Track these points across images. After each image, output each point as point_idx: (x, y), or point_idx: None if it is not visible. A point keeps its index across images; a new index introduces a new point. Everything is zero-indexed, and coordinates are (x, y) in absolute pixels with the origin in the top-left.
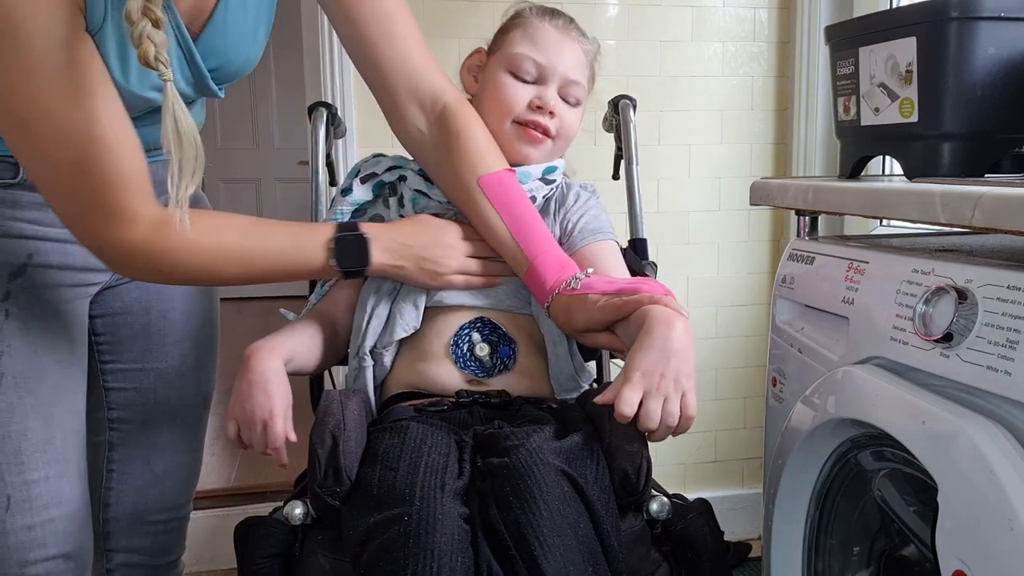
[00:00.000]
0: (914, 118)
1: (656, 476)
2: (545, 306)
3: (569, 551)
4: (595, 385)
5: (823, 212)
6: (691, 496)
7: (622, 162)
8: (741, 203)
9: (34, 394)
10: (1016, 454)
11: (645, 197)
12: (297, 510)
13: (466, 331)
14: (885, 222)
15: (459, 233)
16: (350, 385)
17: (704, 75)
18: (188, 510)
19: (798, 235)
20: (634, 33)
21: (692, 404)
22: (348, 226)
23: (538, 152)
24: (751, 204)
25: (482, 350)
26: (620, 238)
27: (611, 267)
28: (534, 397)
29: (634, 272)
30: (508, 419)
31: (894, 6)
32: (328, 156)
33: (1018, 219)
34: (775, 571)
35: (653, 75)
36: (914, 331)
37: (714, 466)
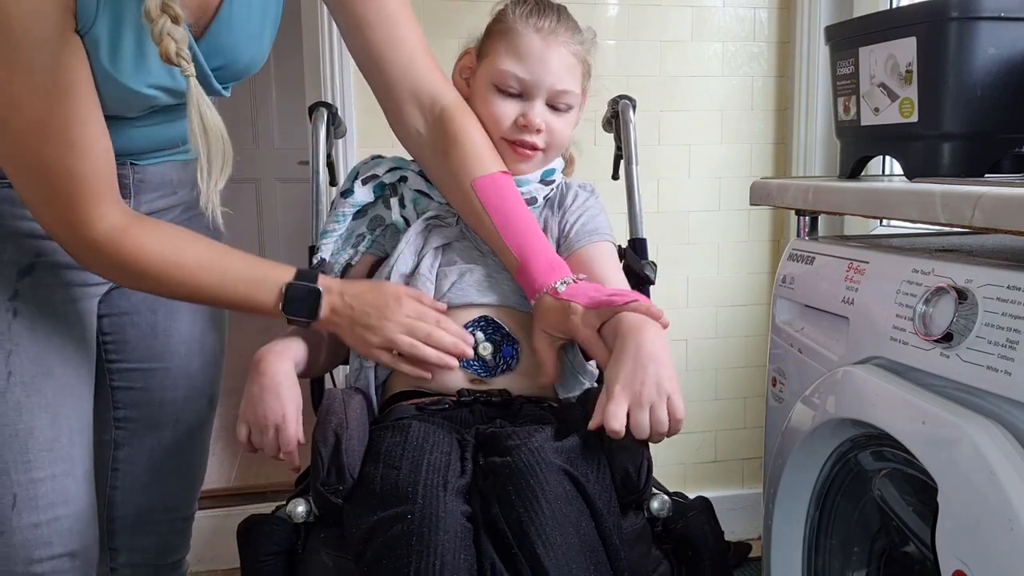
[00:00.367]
0: (914, 118)
1: (656, 476)
2: (532, 302)
3: (571, 549)
4: (596, 384)
5: (823, 212)
6: (691, 496)
7: (622, 162)
8: (741, 203)
9: (41, 393)
10: (1016, 454)
11: (645, 197)
12: (300, 508)
13: (469, 330)
14: (885, 222)
15: (412, 310)
16: (351, 384)
17: (704, 75)
18: (193, 510)
19: (798, 235)
20: (634, 33)
21: (678, 407)
22: (306, 276)
23: (529, 165)
24: (751, 204)
25: (485, 349)
26: (620, 238)
27: (606, 268)
28: (535, 396)
29: (634, 272)
30: (509, 418)
31: (894, 6)
32: (328, 156)
33: (1018, 219)
34: (775, 571)
35: (653, 75)
36: (914, 331)
37: (714, 466)
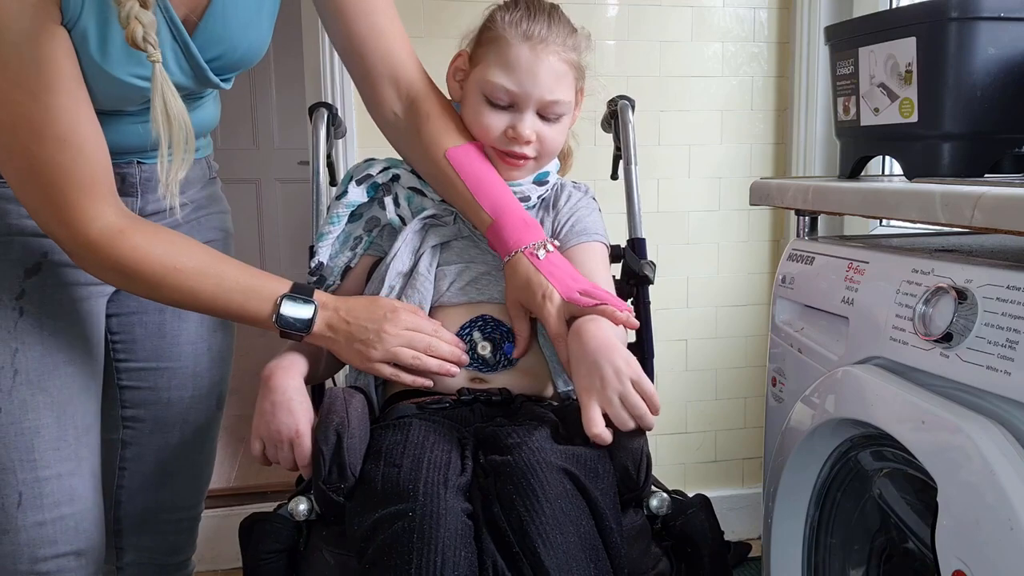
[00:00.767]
0: (914, 118)
1: (656, 475)
2: (505, 260)
3: (571, 548)
4: None
5: (823, 212)
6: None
7: (621, 162)
8: (741, 203)
9: (47, 391)
10: (1016, 454)
11: (645, 197)
12: (302, 506)
13: (467, 330)
14: (885, 222)
15: (408, 322)
16: (351, 383)
17: (704, 75)
18: (199, 510)
19: (798, 235)
20: (634, 33)
21: (645, 386)
22: (302, 290)
23: (521, 172)
24: (751, 204)
25: (484, 348)
26: (619, 238)
27: (593, 270)
28: (535, 395)
29: (633, 272)
30: (509, 416)
31: (894, 6)
32: (328, 156)
33: (1018, 219)
34: (775, 570)
35: (653, 75)
36: (914, 331)
37: (714, 466)
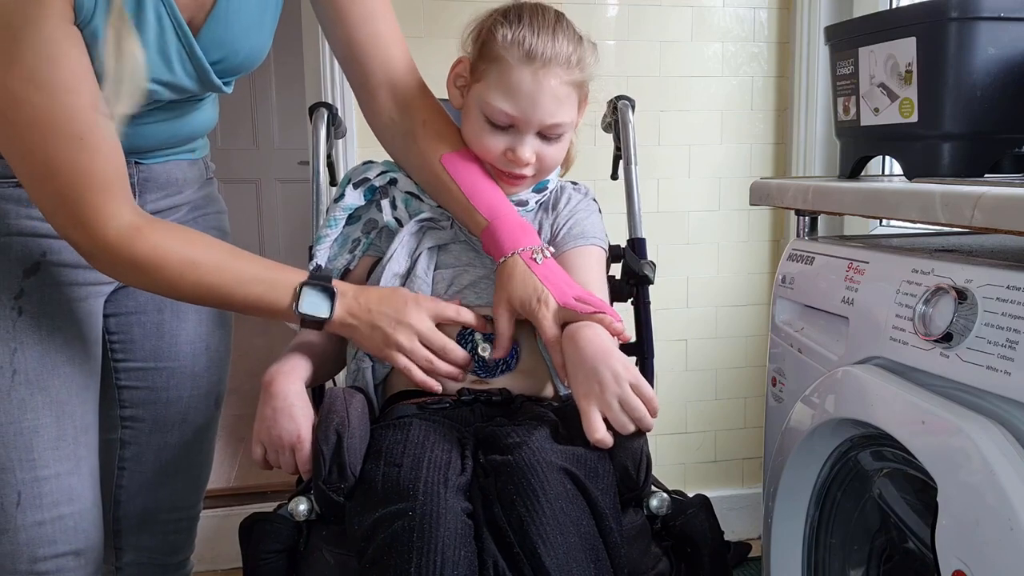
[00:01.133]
0: (914, 118)
1: (656, 475)
2: (500, 263)
3: (572, 548)
4: None
5: (823, 212)
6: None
7: (621, 162)
8: (741, 203)
9: (46, 391)
10: (1016, 454)
11: (645, 197)
12: (302, 506)
13: (469, 332)
14: (885, 222)
15: (427, 315)
16: (350, 383)
17: (704, 75)
18: (198, 510)
19: (798, 235)
20: (634, 33)
21: (644, 389)
22: (320, 278)
23: (520, 188)
24: (751, 204)
25: (485, 350)
26: (619, 238)
27: (587, 274)
28: (535, 395)
29: (633, 272)
30: (509, 416)
31: (894, 6)
32: (328, 156)
33: (1018, 219)
34: (775, 570)
35: (653, 75)
36: (914, 331)
37: (714, 466)
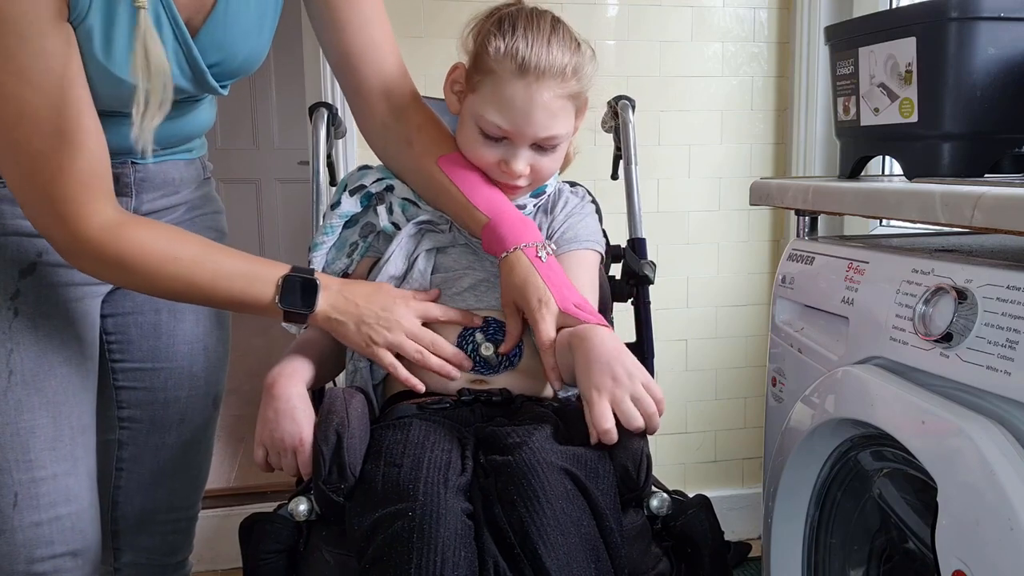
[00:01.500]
0: (914, 118)
1: (656, 475)
2: (502, 256)
3: (572, 549)
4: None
5: (823, 212)
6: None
7: (621, 162)
8: (741, 203)
9: (42, 392)
10: (1016, 454)
11: (645, 197)
12: (302, 506)
13: (470, 332)
14: (885, 222)
15: (414, 311)
16: (349, 383)
17: (704, 75)
18: (196, 510)
19: (798, 235)
20: (634, 33)
21: (655, 388)
22: (304, 270)
23: (517, 195)
24: (751, 204)
25: (487, 349)
26: (619, 238)
27: (578, 279)
28: (535, 396)
29: (633, 272)
30: (509, 416)
31: (894, 6)
32: (328, 156)
33: (1018, 219)
34: (775, 570)
35: (653, 75)
36: (914, 331)
37: (714, 466)
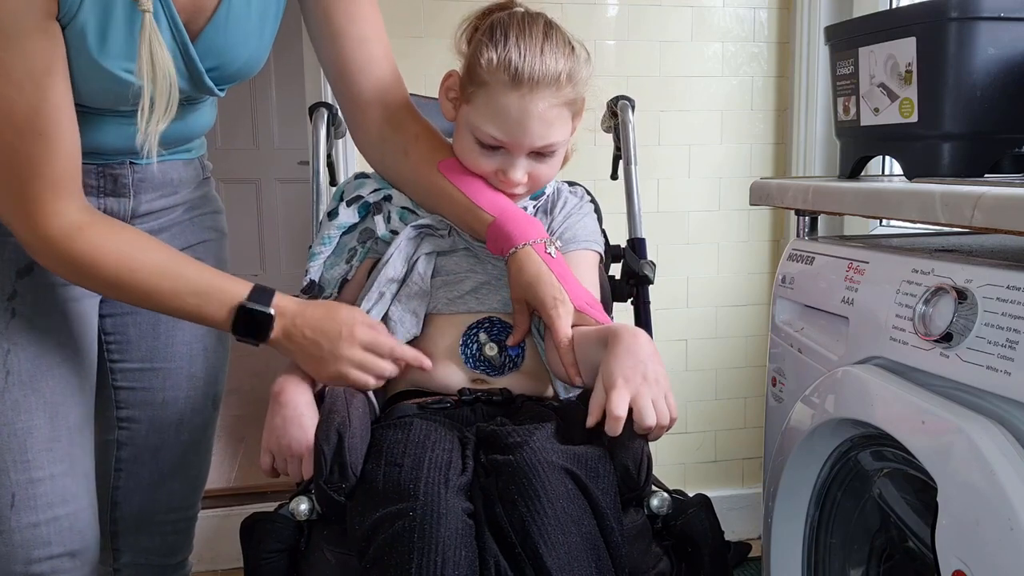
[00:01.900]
0: (914, 118)
1: (656, 475)
2: (510, 252)
3: (573, 548)
4: None
5: (823, 212)
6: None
7: (621, 162)
8: (741, 203)
9: (40, 392)
10: (1016, 454)
11: (645, 197)
12: (303, 506)
13: (474, 331)
14: (885, 222)
15: (365, 341)
16: None
17: (704, 75)
18: (196, 510)
19: (798, 235)
20: (634, 33)
21: (673, 405)
22: (261, 296)
23: (516, 200)
24: (751, 204)
25: (491, 349)
26: (619, 238)
27: (581, 278)
28: (536, 396)
29: (633, 272)
30: (510, 416)
31: (894, 6)
32: (328, 156)
33: (1018, 219)
34: (775, 570)
35: (653, 75)
36: (914, 331)
37: (714, 466)
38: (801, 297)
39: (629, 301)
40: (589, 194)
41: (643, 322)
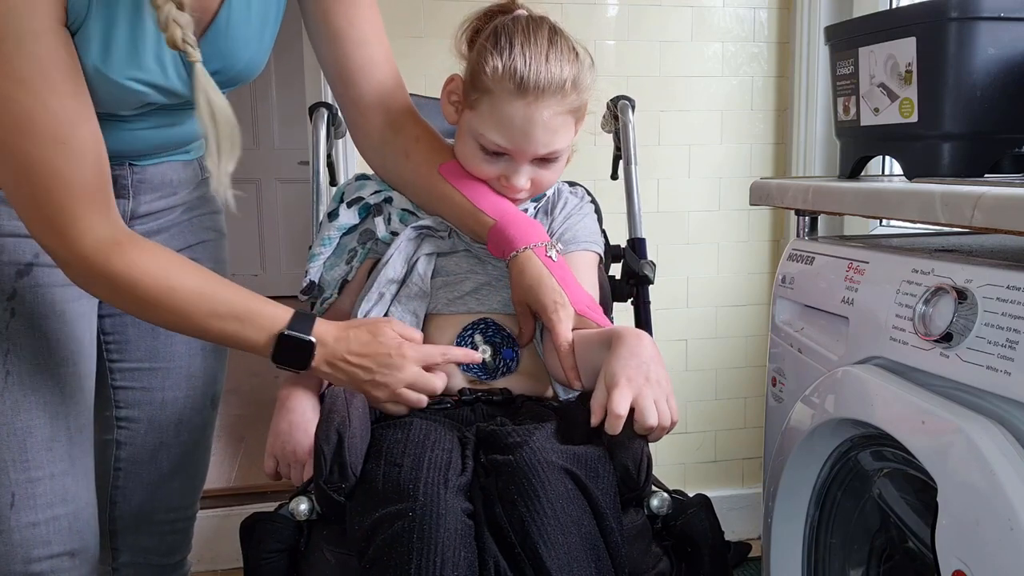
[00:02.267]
0: (914, 118)
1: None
2: (512, 256)
3: (573, 548)
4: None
5: (823, 212)
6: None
7: (621, 162)
8: (741, 203)
9: (39, 392)
10: (1016, 454)
11: (645, 197)
12: (303, 506)
13: (469, 333)
14: (885, 222)
15: (414, 360)
16: None
17: (704, 75)
18: (195, 510)
19: (798, 235)
20: (634, 33)
21: (675, 407)
22: (301, 323)
23: (517, 204)
24: (751, 204)
25: (485, 352)
26: (619, 238)
27: (581, 279)
28: (535, 396)
29: (633, 272)
30: (510, 416)
31: (894, 6)
32: (328, 156)
33: (1018, 219)
34: (775, 570)
35: (653, 75)
36: (914, 331)
37: (714, 466)
38: (801, 297)
39: (629, 301)
40: (589, 194)
41: (643, 322)
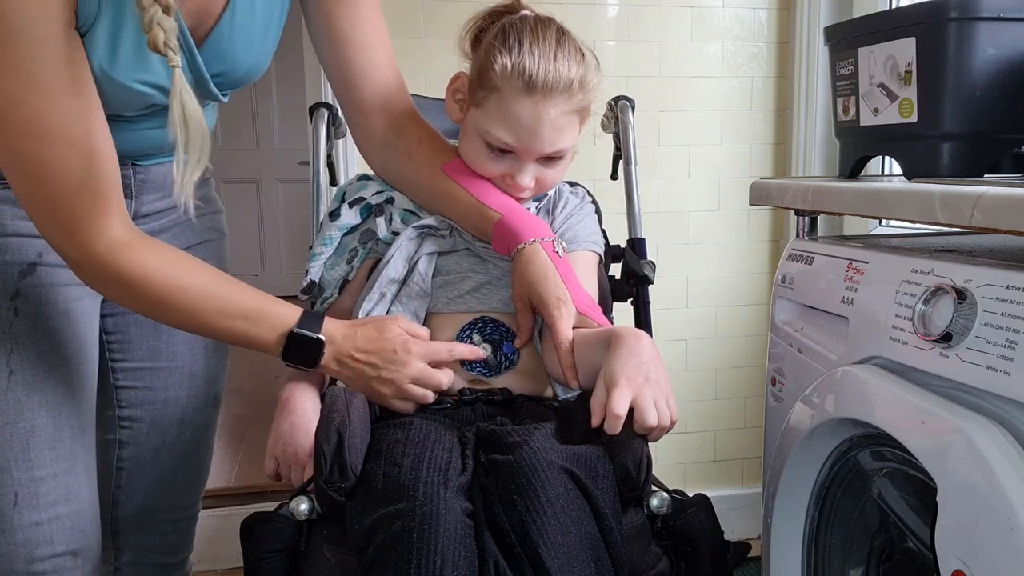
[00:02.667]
0: (913, 118)
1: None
2: (517, 248)
3: (573, 548)
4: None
5: (823, 212)
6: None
7: (621, 162)
8: (741, 203)
9: (42, 392)
10: (1016, 454)
11: (645, 197)
12: (303, 506)
13: (467, 332)
14: (884, 222)
15: (419, 357)
16: None
17: (704, 75)
18: (197, 510)
19: (797, 235)
20: (634, 33)
21: (674, 408)
22: (311, 322)
23: (521, 203)
24: (751, 204)
25: (485, 350)
26: (619, 238)
27: (580, 278)
28: (536, 396)
29: (633, 272)
30: (510, 415)
31: (894, 6)
32: (329, 156)
33: (1017, 219)
34: (775, 570)
35: (653, 75)
36: (913, 331)
37: (714, 465)
38: (801, 297)
39: (629, 301)
40: (590, 194)
41: (643, 322)
